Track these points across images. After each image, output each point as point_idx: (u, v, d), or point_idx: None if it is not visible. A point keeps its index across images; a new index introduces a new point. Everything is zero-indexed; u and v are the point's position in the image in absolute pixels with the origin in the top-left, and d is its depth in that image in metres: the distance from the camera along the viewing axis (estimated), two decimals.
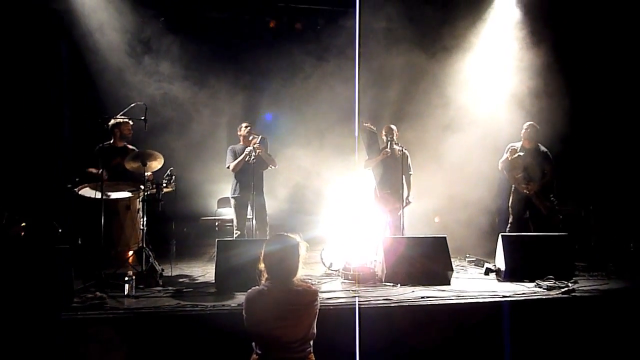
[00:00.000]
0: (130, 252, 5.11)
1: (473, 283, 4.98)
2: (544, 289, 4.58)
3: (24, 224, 5.27)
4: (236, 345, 3.01)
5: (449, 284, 4.85)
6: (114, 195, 5.01)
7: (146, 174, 5.04)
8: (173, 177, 5.16)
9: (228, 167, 6.09)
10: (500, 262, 5.21)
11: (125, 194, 5.06)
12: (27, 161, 6.50)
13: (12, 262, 4.04)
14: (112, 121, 5.32)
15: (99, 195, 4.72)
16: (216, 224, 7.46)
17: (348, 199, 6.32)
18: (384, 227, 6.09)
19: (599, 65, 7.42)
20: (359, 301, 4.17)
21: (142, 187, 5.04)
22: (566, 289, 4.49)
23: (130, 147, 5.57)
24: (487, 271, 5.41)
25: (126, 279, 4.33)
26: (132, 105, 5.18)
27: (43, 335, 3.49)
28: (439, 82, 7.66)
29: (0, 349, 3.38)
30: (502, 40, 7.55)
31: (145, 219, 5.04)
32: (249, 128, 6.10)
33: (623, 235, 7.10)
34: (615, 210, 7.43)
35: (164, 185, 5.10)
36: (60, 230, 5.21)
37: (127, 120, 5.39)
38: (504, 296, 4.36)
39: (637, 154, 7.53)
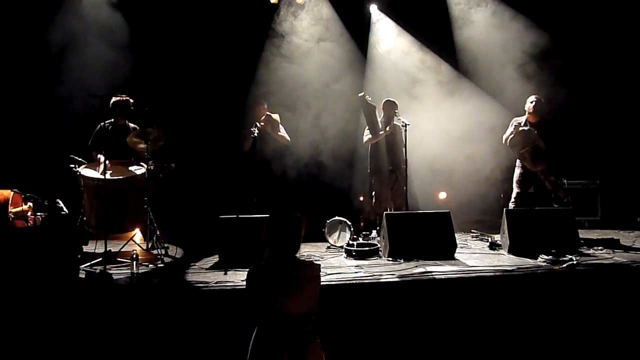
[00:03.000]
0: (135, 230, 5.14)
1: (477, 258, 4.99)
2: (548, 263, 4.58)
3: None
4: (240, 321, 3.04)
5: (453, 259, 4.86)
6: (118, 174, 5.01)
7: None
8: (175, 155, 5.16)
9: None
10: (504, 236, 5.20)
11: (129, 173, 5.06)
12: (30, 140, 6.49)
13: (17, 242, 4.08)
14: (113, 99, 5.28)
15: (101, 175, 4.72)
16: None
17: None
18: (387, 203, 6.08)
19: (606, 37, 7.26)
20: (362, 277, 4.19)
21: (145, 165, 5.04)
22: (570, 263, 4.48)
23: (131, 125, 5.54)
24: (492, 246, 5.41)
25: (131, 256, 4.37)
26: (133, 83, 5.16)
27: (40, 312, 3.52)
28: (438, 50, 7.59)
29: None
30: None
31: (148, 197, 5.06)
32: (260, 108, 6.18)
33: (630, 209, 7.07)
34: (623, 184, 7.38)
35: (167, 164, 5.09)
36: (65, 211, 5.23)
37: (124, 97, 5.34)
38: (508, 270, 4.37)
39: None
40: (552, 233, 5.05)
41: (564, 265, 4.45)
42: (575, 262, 4.49)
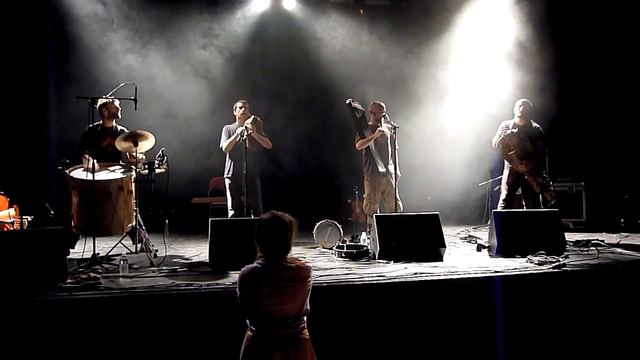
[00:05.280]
0: (124, 233, 5.11)
1: (465, 259, 5.03)
2: (535, 264, 4.63)
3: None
4: (231, 323, 3.04)
5: (442, 261, 4.89)
6: (106, 176, 4.98)
7: (138, 154, 5.00)
8: (165, 157, 5.13)
9: (221, 147, 6.06)
10: (492, 238, 5.25)
11: (117, 175, 5.02)
12: (16, 143, 6.42)
13: (2, 246, 4.01)
14: (100, 101, 5.24)
15: (90, 176, 4.68)
16: (210, 203, 7.43)
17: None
18: (377, 205, 6.11)
19: (594, 41, 7.38)
20: (352, 278, 4.21)
21: (133, 167, 5.01)
22: (557, 263, 4.54)
23: (120, 127, 5.51)
24: (480, 247, 5.46)
25: (120, 259, 4.33)
26: (121, 85, 5.12)
27: (27, 316, 3.47)
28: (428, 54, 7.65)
29: None
30: (495, 9, 7.48)
31: (137, 199, 5.02)
32: (243, 108, 6.03)
33: (614, 211, 7.19)
34: (607, 186, 7.50)
35: (156, 165, 5.07)
36: (52, 213, 5.17)
37: (112, 98, 5.30)
38: (496, 272, 4.41)
39: (629, 132, 7.58)
40: (539, 234, 5.10)
41: (552, 266, 4.51)
42: (562, 263, 4.55)
